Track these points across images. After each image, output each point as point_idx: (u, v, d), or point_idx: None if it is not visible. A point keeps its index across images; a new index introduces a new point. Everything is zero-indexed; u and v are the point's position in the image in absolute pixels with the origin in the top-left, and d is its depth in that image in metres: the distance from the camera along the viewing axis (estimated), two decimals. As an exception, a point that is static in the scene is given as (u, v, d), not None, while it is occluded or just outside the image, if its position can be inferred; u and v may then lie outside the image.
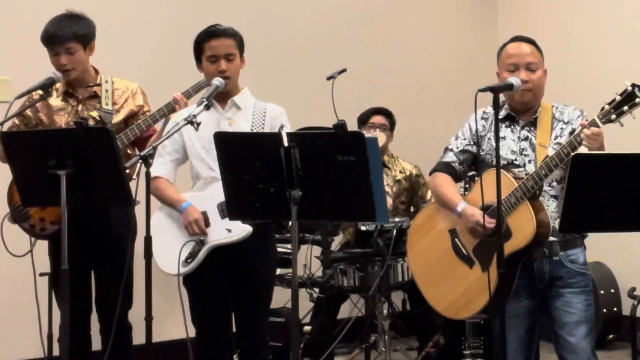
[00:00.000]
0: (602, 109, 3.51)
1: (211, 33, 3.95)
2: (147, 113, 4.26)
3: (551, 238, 3.67)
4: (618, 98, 3.48)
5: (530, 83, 3.70)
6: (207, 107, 3.65)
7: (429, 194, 5.54)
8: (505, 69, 3.72)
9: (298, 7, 6.32)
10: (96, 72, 4.35)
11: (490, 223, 3.60)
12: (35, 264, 4.18)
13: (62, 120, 4.25)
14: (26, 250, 4.22)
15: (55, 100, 4.29)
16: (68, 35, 4.15)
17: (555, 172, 3.65)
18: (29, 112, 4.28)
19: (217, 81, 3.81)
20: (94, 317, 4.38)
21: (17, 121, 4.30)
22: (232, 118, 4.00)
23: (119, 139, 4.10)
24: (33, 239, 4.28)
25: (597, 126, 3.48)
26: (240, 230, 3.89)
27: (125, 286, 3.94)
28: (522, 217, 3.60)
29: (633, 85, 3.48)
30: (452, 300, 3.84)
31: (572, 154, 3.50)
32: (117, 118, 4.28)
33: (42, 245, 4.33)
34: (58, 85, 4.24)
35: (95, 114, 4.26)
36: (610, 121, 3.49)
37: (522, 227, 3.59)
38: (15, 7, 5.38)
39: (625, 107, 3.47)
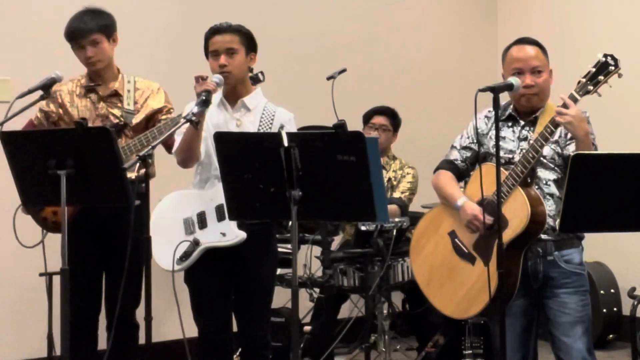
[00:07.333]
0: (579, 82, 3.58)
1: (215, 29, 3.97)
2: (172, 111, 4.32)
3: (546, 237, 3.68)
4: (592, 70, 3.56)
5: (536, 87, 3.71)
6: (205, 103, 3.67)
7: (401, 188, 5.48)
8: (511, 73, 3.72)
9: (298, 6, 6.32)
10: (118, 71, 4.41)
11: (488, 219, 3.63)
12: (44, 261, 4.16)
13: (83, 116, 4.27)
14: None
15: (76, 97, 4.35)
16: (92, 27, 4.24)
17: (549, 172, 3.69)
18: (52, 106, 4.37)
19: (217, 78, 3.83)
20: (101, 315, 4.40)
21: (39, 115, 4.40)
22: (240, 119, 4.00)
23: (133, 146, 4.12)
24: (44, 231, 4.28)
25: (576, 100, 3.53)
26: (234, 235, 3.91)
27: (135, 285, 3.95)
28: (516, 204, 3.60)
29: (605, 55, 3.56)
30: (458, 300, 3.83)
31: (554, 131, 3.58)
32: (137, 118, 4.32)
33: (50, 241, 4.31)
34: (82, 80, 4.34)
35: (117, 112, 4.31)
36: (588, 92, 3.56)
37: (516, 213, 3.60)
38: (15, 8, 5.38)
39: (601, 77, 3.54)
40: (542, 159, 3.68)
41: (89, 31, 4.23)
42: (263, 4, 6.14)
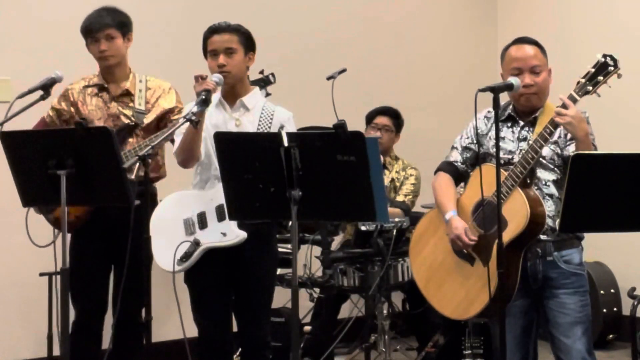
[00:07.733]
0: (578, 83, 3.58)
1: (213, 29, 3.98)
2: (183, 111, 4.31)
3: (545, 237, 3.68)
4: (592, 70, 3.56)
5: (535, 87, 3.70)
6: (205, 102, 3.67)
7: (404, 190, 5.49)
8: (510, 73, 3.72)
9: (299, 6, 6.32)
10: (130, 70, 4.44)
11: (472, 241, 3.66)
12: (54, 261, 4.16)
13: (94, 115, 4.31)
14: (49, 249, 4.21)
15: (88, 96, 4.37)
16: (108, 21, 4.31)
17: (549, 173, 3.69)
18: (63, 104, 4.41)
19: (216, 77, 3.83)
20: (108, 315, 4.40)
21: (51, 113, 4.44)
22: (239, 119, 4.00)
23: (144, 146, 4.11)
24: (56, 231, 4.28)
25: (575, 100, 3.53)
26: (234, 235, 3.91)
27: (140, 284, 3.95)
28: (515, 205, 3.60)
29: (604, 56, 3.56)
30: (457, 301, 3.83)
31: (554, 132, 3.58)
32: (149, 118, 4.34)
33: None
34: (94, 79, 4.38)
35: (129, 112, 4.32)
36: (587, 93, 3.56)
37: (515, 214, 3.59)
38: (15, 8, 5.38)
39: (600, 77, 3.54)
40: (541, 159, 3.68)
41: (105, 25, 4.29)
42: (263, 3, 6.14)
